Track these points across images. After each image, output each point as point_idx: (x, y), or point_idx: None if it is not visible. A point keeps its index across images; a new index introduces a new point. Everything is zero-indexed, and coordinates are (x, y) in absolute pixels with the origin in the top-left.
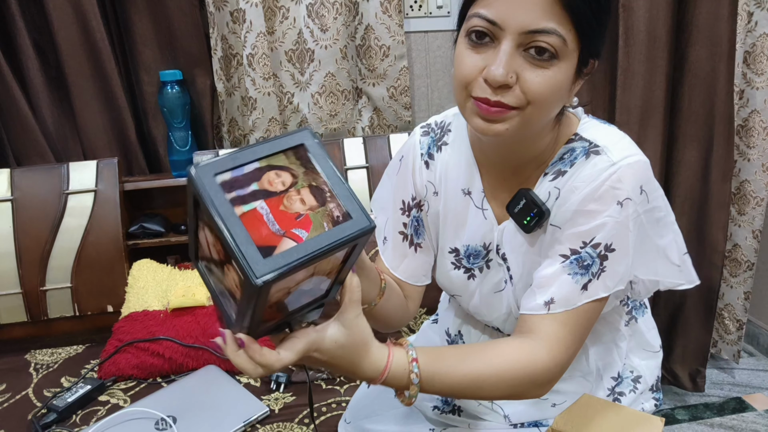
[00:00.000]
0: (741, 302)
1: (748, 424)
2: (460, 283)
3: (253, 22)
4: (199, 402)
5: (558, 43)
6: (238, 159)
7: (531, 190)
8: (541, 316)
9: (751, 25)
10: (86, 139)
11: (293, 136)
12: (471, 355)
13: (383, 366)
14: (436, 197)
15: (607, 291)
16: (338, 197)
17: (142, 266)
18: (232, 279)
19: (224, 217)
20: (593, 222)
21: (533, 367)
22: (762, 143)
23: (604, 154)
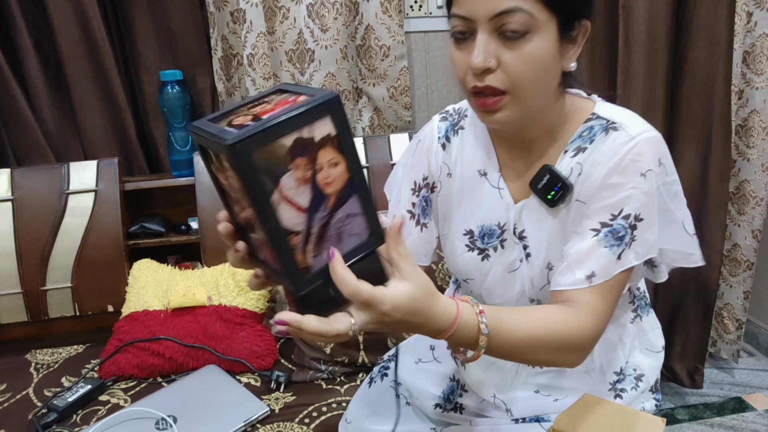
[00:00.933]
0: (740, 302)
1: (748, 424)
2: (473, 265)
3: (253, 22)
4: (200, 402)
5: (525, 19)
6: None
7: (553, 167)
8: (583, 289)
9: (751, 25)
10: (87, 139)
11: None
12: (526, 314)
13: (454, 313)
14: (449, 179)
15: (639, 259)
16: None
17: (143, 266)
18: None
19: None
20: (620, 194)
21: (580, 333)
22: (761, 143)
23: (622, 129)
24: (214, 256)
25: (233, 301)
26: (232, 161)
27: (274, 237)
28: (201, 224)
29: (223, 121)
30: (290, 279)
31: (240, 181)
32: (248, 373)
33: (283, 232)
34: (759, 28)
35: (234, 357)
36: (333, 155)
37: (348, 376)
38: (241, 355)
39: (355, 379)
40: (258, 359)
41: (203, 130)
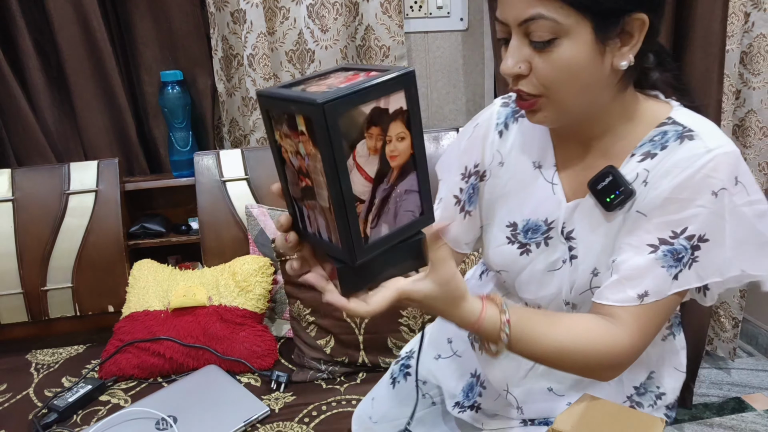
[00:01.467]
0: (737, 300)
1: (748, 424)
2: (510, 258)
3: (253, 23)
4: (200, 402)
5: (550, 26)
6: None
7: (617, 169)
8: (631, 306)
9: (748, 25)
10: (87, 139)
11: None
12: (558, 324)
13: (475, 319)
14: (501, 168)
15: (700, 281)
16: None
17: (143, 266)
18: (323, 182)
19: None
20: (685, 212)
21: (614, 351)
22: (758, 143)
23: (699, 140)
24: (215, 256)
25: (233, 302)
26: (319, 121)
27: (344, 201)
28: (201, 224)
29: (296, 90)
30: (349, 247)
31: (320, 142)
32: (248, 373)
33: (352, 197)
34: (756, 28)
35: (234, 357)
36: (401, 129)
37: (348, 376)
38: (242, 355)
39: (356, 379)
40: (258, 359)
41: (279, 94)
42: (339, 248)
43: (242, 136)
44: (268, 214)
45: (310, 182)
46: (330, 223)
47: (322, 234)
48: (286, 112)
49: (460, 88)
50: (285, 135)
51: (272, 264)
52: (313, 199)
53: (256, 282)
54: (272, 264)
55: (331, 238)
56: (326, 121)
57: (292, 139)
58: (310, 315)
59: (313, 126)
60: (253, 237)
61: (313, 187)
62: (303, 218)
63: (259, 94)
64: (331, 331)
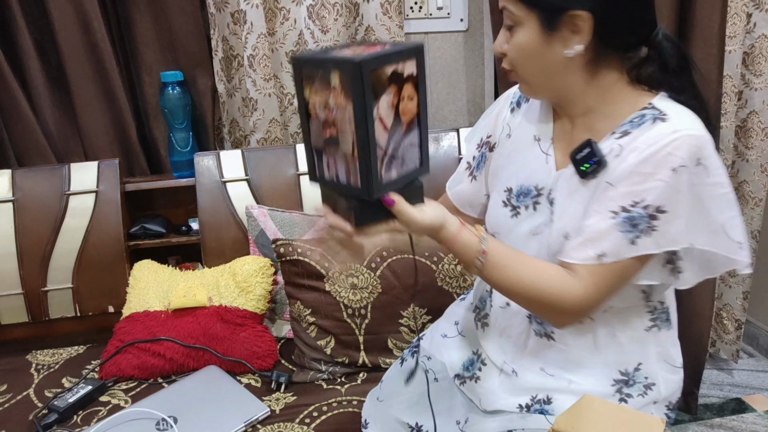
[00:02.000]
0: (740, 302)
1: (748, 425)
2: (503, 220)
3: (253, 24)
4: (200, 402)
5: (510, 16)
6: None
7: (595, 142)
8: (589, 265)
9: (750, 26)
10: (87, 139)
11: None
12: (525, 264)
13: (453, 235)
14: (508, 139)
15: (658, 249)
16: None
17: (143, 267)
18: (348, 130)
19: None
20: (646, 184)
21: (568, 297)
22: (760, 144)
23: (669, 122)
24: (215, 256)
25: (234, 302)
26: (355, 75)
27: (368, 144)
28: (201, 225)
29: (328, 55)
30: (368, 184)
31: (354, 93)
32: (249, 374)
33: (374, 142)
34: (758, 29)
35: (234, 358)
36: (411, 91)
37: (348, 376)
38: (242, 356)
39: (356, 379)
40: (258, 360)
41: (316, 56)
42: (356, 188)
43: (242, 137)
44: (268, 215)
45: (334, 132)
46: (350, 165)
47: (341, 177)
48: (321, 69)
49: (460, 88)
50: (316, 91)
51: (272, 264)
52: (336, 146)
53: (256, 282)
54: (272, 264)
55: (349, 180)
56: (361, 75)
57: (323, 93)
58: (310, 316)
59: (348, 79)
60: (253, 237)
61: (338, 136)
62: (321, 166)
63: (295, 58)
64: (331, 332)
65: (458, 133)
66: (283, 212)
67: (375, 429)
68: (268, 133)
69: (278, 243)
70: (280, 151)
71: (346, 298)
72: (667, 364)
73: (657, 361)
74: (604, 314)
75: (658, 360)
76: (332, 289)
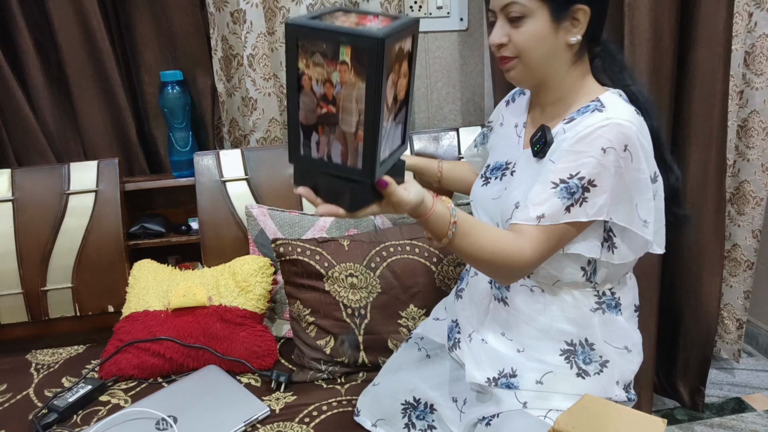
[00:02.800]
0: (741, 301)
1: (748, 424)
2: (479, 190)
3: (253, 23)
4: (200, 402)
5: (520, 8)
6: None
7: (548, 127)
8: (532, 225)
9: (751, 25)
10: (87, 139)
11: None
12: (485, 233)
13: (429, 208)
14: (500, 127)
15: (587, 217)
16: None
17: (143, 266)
18: (354, 109)
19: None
20: (580, 160)
21: (518, 257)
22: (761, 143)
23: (605, 112)
24: (215, 256)
25: (233, 302)
26: (375, 52)
27: (377, 127)
28: (201, 224)
29: (327, 23)
30: (371, 167)
31: (368, 72)
32: (248, 374)
33: (383, 121)
34: (759, 28)
35: (234, 357)
36: (405, 69)
37: (348, 376)
38: (242, 356)
39: (356, 379)
40: (258, 359)
41: (321, 26)
42: (355, 169)
43: (242, 137)
44: (268, 214)
45: (333, 109)
46: (350, 146)
47: (333, 158)
48: (326, 42)
49: (459, 88)
50: (316, 63)
51: (272, 264)
52: (332, 125)
53: (256, 282)
54: (272, 264)
55: (345, 161)
56: (384, 53)
57: (326, 68)
58: (310, 315)
59: (365, 56)
60: (253, 237)
61: (337, 114)
62: (309, 144)
63: (291, 24)
64: (331, 332)
65: (458, 133)
66: (282, 212)
67: (368, 415)
68: (268, 133)
69: (278, 242)
70: (280, 150)
71: (346, 298)
72: (617, 349)
73: (612, 344)
74: (553, 287)
75: (605, 341)
76: (332, 288)
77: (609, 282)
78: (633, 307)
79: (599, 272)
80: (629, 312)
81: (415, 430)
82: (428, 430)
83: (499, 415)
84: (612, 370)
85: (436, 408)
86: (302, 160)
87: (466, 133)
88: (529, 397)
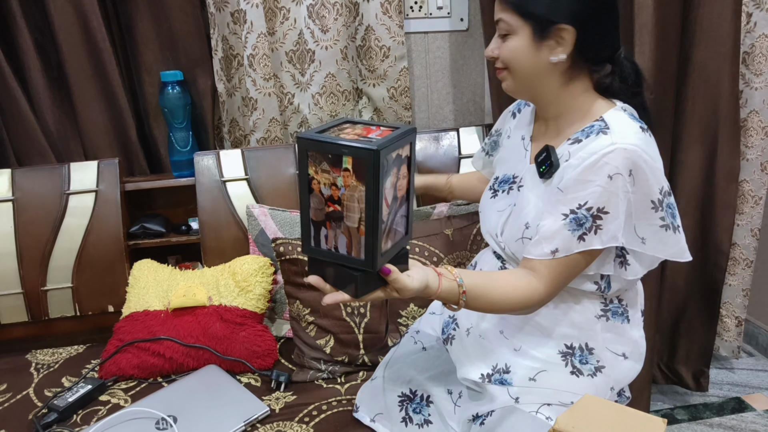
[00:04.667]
0: (740, 300)
1: (748, 424)
2: (485, 201)
3: (253, 23)
4: (200, 402)
5: (505, 26)
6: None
7: (552, 147)
8: (546, 260)
9: (750, 25)
10: (87, 139)
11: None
12: (495, 284)
13: (435, 291)
14: (507, 139)
15: (602, 245)
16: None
17: (143, 266)
18: (356, 208)
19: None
20: (587, 189)
21: (532, 297)
22: (761, 143)
23: (610, 135)
24: (215, 256)
25: (233, 301)
26: (372, 161)
27: (376, 224)
28: (201, 224)
29: (332, 136)
30: (373, 257)
31: (367, 178)
32: (248, 373)
33: (380, 219)
34: (758, 28)
35: (234, 357)
36: (405, 171)
37: (348, 375)
38: (242, 355)
39: (356, 378)
40: (258, 359)
41: (323, 140)
42: (359, 259)
43: (242, 137)
44: (268, 214)
45: (338, 208)
46: (354, 239)
47: (340, 249)
48: (331, 153)
49: (460, 88)
50: (323, 170)
51: (272, 264)
52: (338, 221)
53: (256, 282)
54: (272, 264)
55: (350, 252)
56: (379, 162)
57: (331, 174)
58: (309, 315)
59: (364, 165)
60: (253, 237)
61: (342, 212)
62: (318, 237)
63: (301, 138)
64: (330, 331)
65: (458, 133)
66: (283, 211)
67: (366, 410)
68: (268, 133)
69: (278, 242)
70: (280, 150)
71: None
72: (616, 356)
73: (609, 349)
74: (561, 293)
75: (610, 348)
76: None
77: (618, 291)
78: (640, 313)
79: (613, 285)
80: (636, 318)
81: (412, 424)
82: (425, 424)
83: (492, 414)
84: (607, 377)
85: (432, 400)
86: (313, 252)
87: (466, 133)
88: (521, 392)
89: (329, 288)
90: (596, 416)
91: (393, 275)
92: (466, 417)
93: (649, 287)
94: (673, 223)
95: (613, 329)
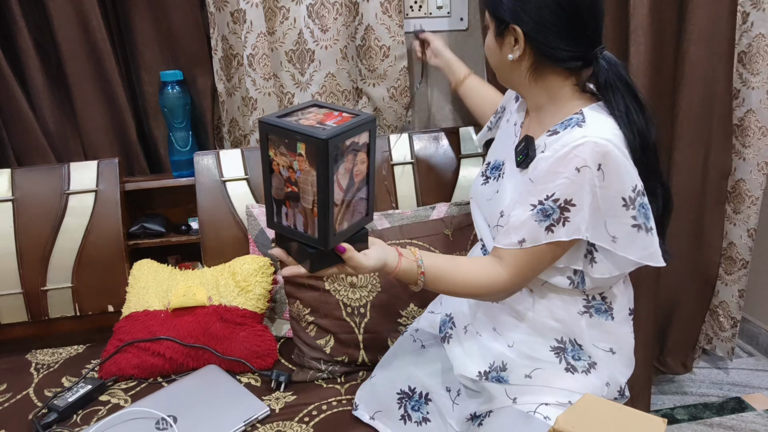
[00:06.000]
0: (735, 300)
1: (748, 424)
2: (476, 186)
3: (253, 23)
4: (200, 402)
5: (486, 20)
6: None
7: (532, 138)
8: (513, 249)
9: (747, 25)
10: (87, 139)
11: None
12: (458, 268)
13: (394, 267)
14: (507, 122)
15: (568, 237)
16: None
17: (143, 266)
18: (310, 191)
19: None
20: (556, 181)
21: (495, 284)
22: (757, 143)
23: (583, 128)
24: (215, 256)
25: (233, 301)
26: (322, 149)
27: (328, 205)
28: (201, 224)
29: (291, 120)
30: (325, 237)
31: (319, 164)
32: (248, 373)
33: (332, 203)
34: (755, 28)
35: (234, 357)
36: (364, 157)
37: (348, 375)
38: (242, 355)
39: (356, 378)
40: (258, 359)
41: (283, 124)
42: (313, 237)
43: (242, 136)
44: None
45: (296, 189)
46: (309, 219)
47: (298, 227)
48: (287, 138)
49: None
50: (281, 153)
51: (272, 264)
52: (296, 201)
53: (256, 282)
54: (272, 264)
55: (306, 230)
56: (327, 150)
57: (288, 157)
58: (309, 315)
59: (314, 152)
60: (253, 237)
61: (299, 193)
62: (280, 214)
63: (261, 121)
64: (330, 331)
65: (458, 133)
66: None
67: (365, 408)
68: None
69: None
70: None
71: (346, 297)
72: (606, 353)
73: (599, 347)
74: (542, 288)
75: (593, 344)
76: (331, 288)
77: (599, 288)
78: (627, 311)
79: (587, 282)
80: (622, 316)
81: (411, 422)
82: (423, 422)
83: (490, 414)
84: (600, 373)
85: (431, 398)
86: (276, 227)
87: (466, 133)
88: (518, 392)
89: (291, 261)
90: (596, 416)
91: (348, 254)
92: (464, 415)
93: (648, 287)
94: (645, 223)
95: (598, 326)
